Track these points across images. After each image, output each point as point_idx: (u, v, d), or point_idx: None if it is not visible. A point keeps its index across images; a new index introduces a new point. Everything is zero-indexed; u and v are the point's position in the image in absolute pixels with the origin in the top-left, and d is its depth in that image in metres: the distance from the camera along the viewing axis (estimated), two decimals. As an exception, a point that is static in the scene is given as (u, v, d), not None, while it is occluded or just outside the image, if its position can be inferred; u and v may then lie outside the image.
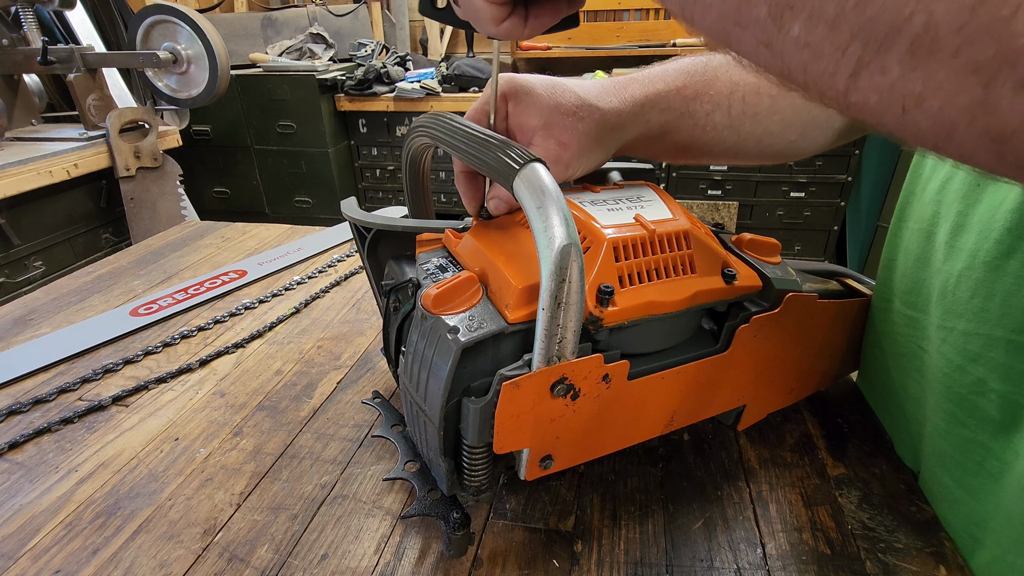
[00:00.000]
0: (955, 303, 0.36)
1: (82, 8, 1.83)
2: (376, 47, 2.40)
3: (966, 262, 0.36)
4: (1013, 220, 0.32)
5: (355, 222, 0.46)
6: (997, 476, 0.36)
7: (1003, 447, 0.35)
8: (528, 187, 0.30)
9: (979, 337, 0.35)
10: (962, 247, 0.36)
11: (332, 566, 0.37)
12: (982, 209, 0.35)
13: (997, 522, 0.36)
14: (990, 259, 0.34)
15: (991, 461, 0.36)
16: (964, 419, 0.37)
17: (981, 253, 0.34)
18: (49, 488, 0.44)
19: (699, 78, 0.44)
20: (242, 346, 0.62)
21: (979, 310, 0.35)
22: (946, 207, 0.38)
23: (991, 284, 0.34)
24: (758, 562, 0.37)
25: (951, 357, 0.37)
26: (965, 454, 0.38)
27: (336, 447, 0.47)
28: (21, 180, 1.40)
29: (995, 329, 0.34)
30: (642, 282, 0.35)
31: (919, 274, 0.41)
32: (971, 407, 0.36)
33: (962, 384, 0.37)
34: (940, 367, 0.38)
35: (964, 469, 0.38)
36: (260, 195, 2.52)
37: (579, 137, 0.39)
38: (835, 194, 2.07)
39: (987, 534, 0.36)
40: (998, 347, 0.34)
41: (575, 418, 0.34)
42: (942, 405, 0.39)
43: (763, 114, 0.45)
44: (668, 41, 2.38)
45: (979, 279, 0.35)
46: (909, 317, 0.42)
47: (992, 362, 0.34)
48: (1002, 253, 0.33)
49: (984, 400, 0.35)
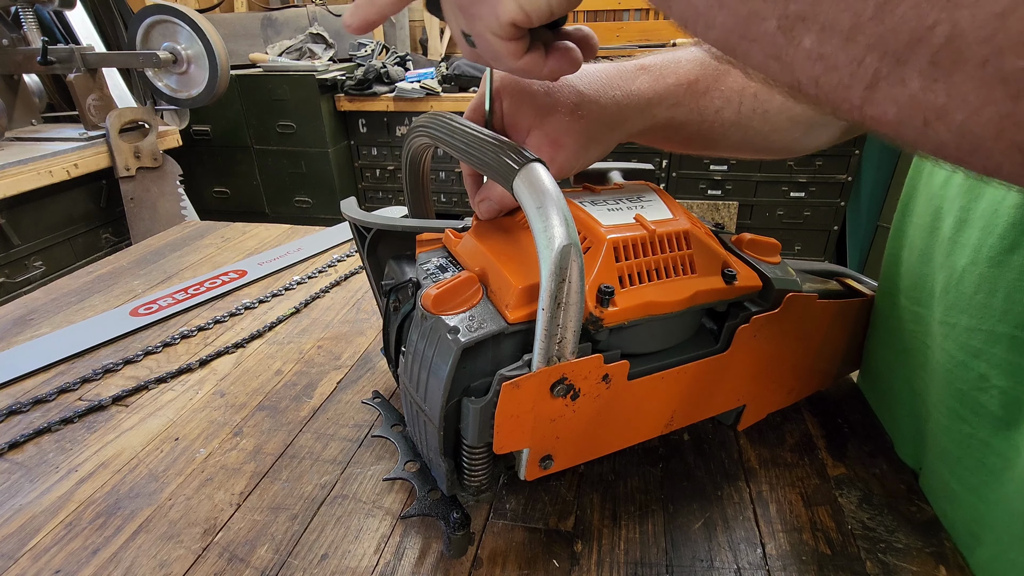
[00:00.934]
0: (958, 299, 0.36)
1: (82, 8, 1.83)
2: (376, 47, 2.40)
3: (969, 257, 0.35)
4: (1017, 215, 0.32)
5: (355, 222, 0.46)
6: (998, 473, 0.35)
7: (1004, 443, 0.35)
8: (528, 187, 0.30)
9: (982, 333, 0.35)
10: (965, 242, 0.36)
11: (332, 566, 0.37)
12: (985, 204, 0.35)
13: (998, 519, 0.36)
14: (994, 254, 0.34)
15: (992, 457, 0.36)
16: (966, 415, 0.37)
17: (985, 248, 0.34)
18: (49, 488, 0.44)
19: (712, 71, 0.43)
20: (242, 346, 0.62)
21: (982, 306, 0.35)
22: (949, 202, 0.38)
23: (994, 280, 0.34)
24: (758, 562, 0.37)
25: (953, 353, 0.37)
26: (966, 450, 0.37)
27: (336, 447, 0.47)
28: (21, 180, 1.40)
29: (998, 325, 0.34)
30: (642, 282, 0.34)
31: (923, 269, 0.41)
32: (973, 403, 0.36)
33: (964, 380, 0.36)
34: (943, 363, 0.38)
35: (965, 466, 0.38)
36: (260, 195, 2.52)
37: (575, 136, 0.38)
38: (835, 194, 2.07)
39: (987, 531, 0.36)
40: (1001, 343, 0.34)
41: (575, 418, 0.34)
42: (944, 401, 0.39)
43: (773, 111, 0.45)
44: (668, 41, 2.38)
45: (982, 274, 0.34)
46: (914, 313, 0.42)
47: (995, 358, 0.34)
48: (1005, 248, 0.33)
49: (986, 396, 0.35)
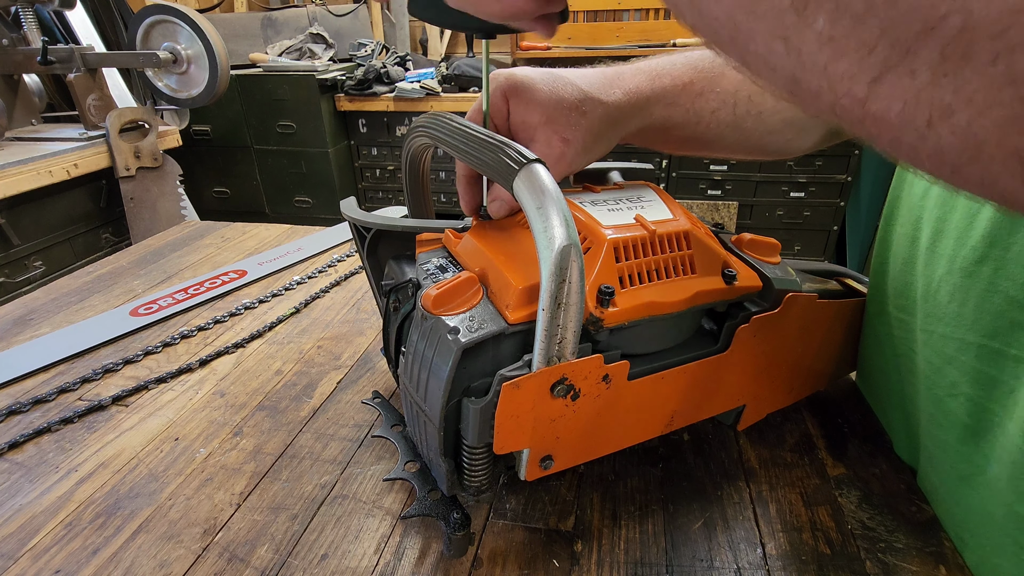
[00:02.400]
0: (935, 307, 0.37)
1: (82, 8, 1.83)
2: (376, 47, 2.40)
3: (945, 267, 0.36)
4: (987, 228, 0.33)
5: (355, 222, 0.46)
6: (968, 479, 0.36)
7: (971, 451, 0.35)
8: (528, 188, 0.30)
9: (955, 341, 0.35)
10: (942, 252, 0.37)
11: (332, 566, 0.37)
12: (958, 216, 0.35)
13: (976, 523, 0.36)
14: (966, 265, 0.34)
15: (960, 464, 0.36)
16: (941, 420, 0.38)
17: (958, 259, 0.35)
18: (49, 488, 0.44)
19: (706, 73, 0.43)
20: (242, 346, 0.62)
21: (955, 315, 0.35)
22: (928, 212, 0.39)
23: (966, 289, 0.34)
24: (758, 562, 0.37)
25: (931, 359, 0.38)
26: (942, 455, 0.38)
27: (336, 447, 0.47)
28: (21, 180, 1.40)
29: (968, 333, 0.34)
30: (642, 282, 0.35)
31: (906, 278, 0.41)
32: (945, 409, 0.37)
33: (940, 386, 0.37)
34: (923, 369, 0.39)
35: (943, 470, 0.39)
36: (260, 195, 2.52)
37: (582, 132, 0.38)
38: (835, 194, 2.07)
39: (969, 535, 0.37)
40: (970, 351, 0.34)
41: (575, 418, 0.34)
42: (925, 406, 0.39)
43: (767, 112, 0.45)
44: (668, 41, 2.37)
45: (956, 284, 0.35)
46: (900, 319, 0.42)
47: (964, 366, 0.35)
48: (976, 259, 0.34)
49: (955, 403, 0.36)
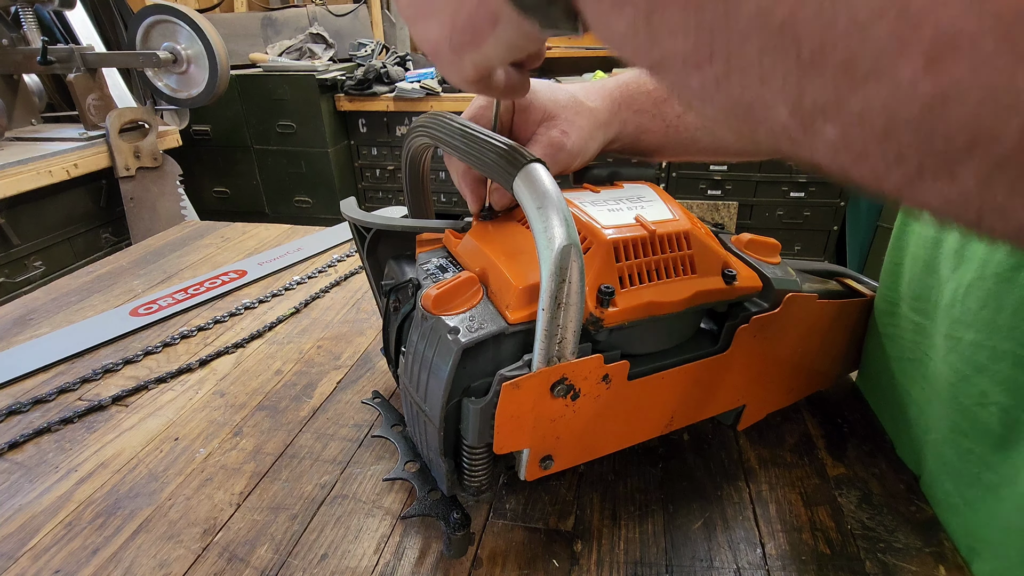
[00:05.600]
0: (964, 313, 0.36)
1: (82, 8, 1.83)
2: (376, 47, 2.40)
3: (976, 272, 0.35)
4: None
5: (355, 222, 0.46)
6: (995, 489, 0.35)
7: (1001, 461, 0.35)
8: (528, 187, 0.30)
9: (986, 349, 0.35)
10: (972, 257, 0.36)
11: (332, 566, 0.37)
12: None
13: (995, 535, 0.35)
14: (1001, 271, 0.33)
15: (988, 474, 0.36)
16: (966, 429, 0.37)
17: (992, 264, 0.34)
18: (49, 488, 0.44)
19: None
20: (242, 346, 0.62)
21: (988, 322, 0.34)
22: None
23: (1001, 296, 0.33)
24: (758, 562, 0.37)
25: (958, 367, 0.37)
26: (966, 464, 0.37)
27: (336, 447, 0.47)
28: (21, 180, 1.40)
29: (1003, 342, 0.34)
30: (642, 282, 0.34)
31: (927, 281, 0.40)
32: (973, 418, 0.36)
33: (967, 395, 0.36)
34: (946, 376, 0.38)
35: (964, 479, 0.38)
36: (260, 195, 2.52)
37: (578, 128, 0.41)
38: (835, 194, 2.07)
39: (985, 546, 0.36)
40: (1005, 360, 0.34)
41: (575, 418, 0.34)
42: (947, 414, 0.38)
43: None
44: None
45: (989, 290, 0.34)
46: (916, 323, 0.42)
47: (998, 375, 0.34)
48: (1013, 265, 0.33)
49: (986, 412, 0.35)
